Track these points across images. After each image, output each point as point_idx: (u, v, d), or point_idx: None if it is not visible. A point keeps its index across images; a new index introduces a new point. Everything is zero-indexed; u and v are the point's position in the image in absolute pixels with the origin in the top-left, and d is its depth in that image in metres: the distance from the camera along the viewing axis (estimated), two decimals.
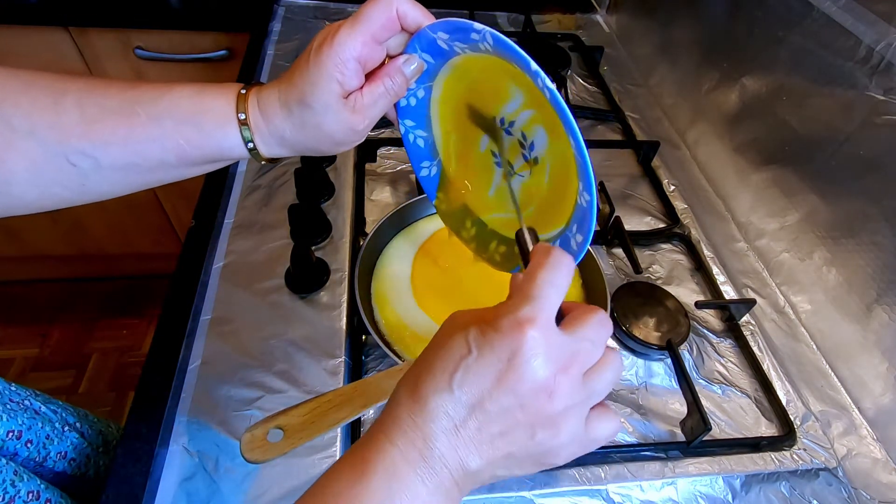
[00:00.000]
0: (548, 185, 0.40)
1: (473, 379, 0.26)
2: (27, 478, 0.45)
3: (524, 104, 0.39)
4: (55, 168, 0.35)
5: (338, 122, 0.36)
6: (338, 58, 0.33)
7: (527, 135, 0.40)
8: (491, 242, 0.46)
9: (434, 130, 0.45)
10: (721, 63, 0.74)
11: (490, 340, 0.26)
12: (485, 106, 0.41)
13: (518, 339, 0.26)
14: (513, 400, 0.26)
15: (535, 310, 0.27)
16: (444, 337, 0.28)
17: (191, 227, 0.61)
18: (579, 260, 0.35)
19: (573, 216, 0.37)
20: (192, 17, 0.97)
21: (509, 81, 0.38)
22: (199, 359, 0.49)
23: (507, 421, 0.26)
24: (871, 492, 0.50)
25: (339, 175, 0.68)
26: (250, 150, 0.37)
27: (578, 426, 0.28)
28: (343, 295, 0.55)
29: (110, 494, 0.42)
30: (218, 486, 0.42)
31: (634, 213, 0.72)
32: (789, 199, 0.63)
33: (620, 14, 1.05)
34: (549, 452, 0.28)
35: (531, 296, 0.27)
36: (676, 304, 0.59)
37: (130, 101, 0.35)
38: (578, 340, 0.28)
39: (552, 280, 0.28)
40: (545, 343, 0.26)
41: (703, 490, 0.48)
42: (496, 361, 0.26)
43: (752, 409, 0.54)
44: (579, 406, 0.28)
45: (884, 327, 0.53)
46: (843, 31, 0.54)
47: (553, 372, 0.26)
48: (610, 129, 0.85)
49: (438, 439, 0.26)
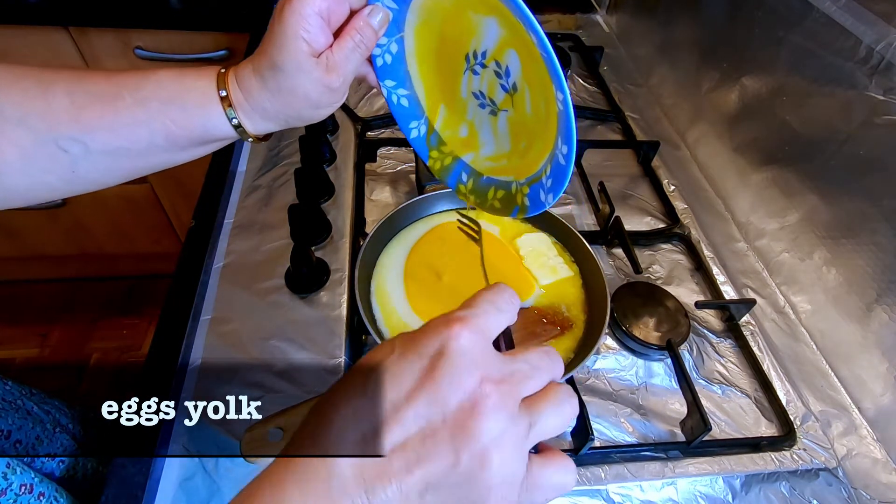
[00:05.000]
0: (532, 113, 0.40)
1: (391, 378, 0.23)
2: (20, 470, 0.45)
3: (492, 28, 0.39)
4: (45, 155, 0.35)
5: (311, 81, 0.35)
6: (298, 14, 0.33)
7: (500, 63, 0.39)
8: (489, 190, 0.46)
9: (415, 86, 0.45)
10: (721, 63, 0.74)
11: (415, 338, 0.24)
12: (458, 43, 0.41)
13: (445, 334, 0.24)
14: (431, 405, 0.22)
15: (469, 313, 0.25)
16: (373, 349, 0.26)
17: (191, 227, 0.61)
18: (571, 169, 0.35)
19: (558, 131, 0.36)
20: (192, 17, 0.97)
21: (473, 9, 0.38)
22: (200, 359, 0.49)
23: (424, 435, 0.22)
24: (871, 492, 0.50)
25: (339, 175, 0.68)
26: (235, 126, 0.38)
27: (514, 464, 0.23)
28: (343, 295, 0.55)
29: (110, 494, 0.42)
30: (218, 486, 0.43)
31: (634, 213, 0.72)
32: (789, 199, 0.63)
33: (620, 14, 1.05)
34: (476, 489, 0.22)
35: (467, 304, 0.26)
36: (676, 304, 0.59)
37: (116, 85, 0.36)
38: (518, 362, 0.25)
39: (491, 298, 0.27)
40: (474, 345, 0.24)
41: (703, 490, 0.48)
42: (419, 358, 0.23)
43: (752, 409, 0.54)
44: (513, 436, 0.23)
45: (884, 327, 0.52)
46: (843, 31, 0.54)
47: (479, 379, 0.23)
48: (610, 129, 0.85)
49: (340, 462, 0.22)
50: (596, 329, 0.52)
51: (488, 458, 0.22)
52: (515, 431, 0.23)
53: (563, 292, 0.57)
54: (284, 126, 0.40)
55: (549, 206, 0.39)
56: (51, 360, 1.41)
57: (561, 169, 0.36)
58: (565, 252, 0.61)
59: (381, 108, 0.80)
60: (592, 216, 0.70)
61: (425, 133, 0.47)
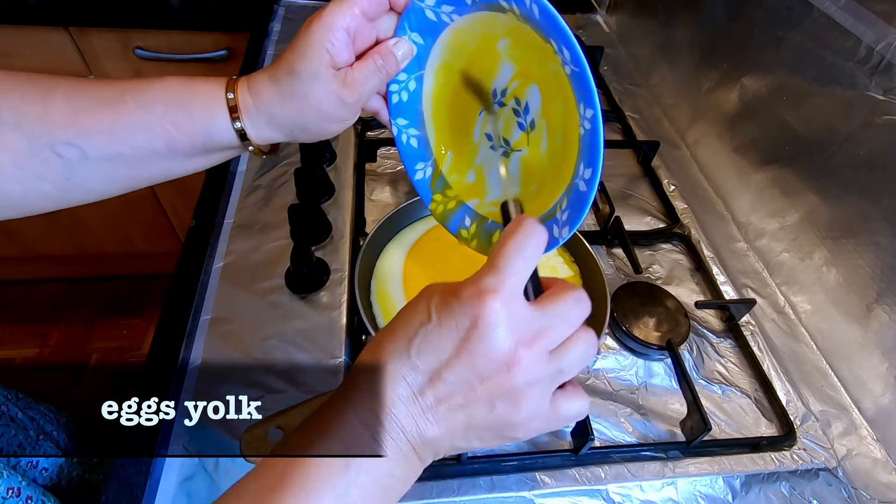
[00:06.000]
0: (546, 154, 0.39)
1: (432, 347, 0.26)
2: (7, 474, 0.44)
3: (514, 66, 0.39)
4: (40, 161, 0.35)
5: (326, 91, 0.35)
6: (326, 26, 0.34)
7: (520, 99, 0.39)
8: (493, 234, 0.46)
9: (427, 127, 0.45)
10: (721, 63, 0.74)
11: (451, 308, 0.26)
12: (481, 81, 0.41)
13: (478, 308, 0.26)
14: (471, 372, 0.26)
15: (499, 280, 0.26)
16: (409, 305, 0.28)
17: (191, 226, 0.61)
18: (593, 195, 0.34)
19: (579, 156, 0.36)
20: (192, 17, 0.97)
21: (498, 45, 0.38)
22: (199, 359, 0.49)
23: (465, 392, 0.26)
24: (871, 492, 0.50)
25: (339, 175, 0.68)
26: (237, 130, 0.37)
27: (541, 402, 0.27)
28: (343, 295, 0.55)
29: (110, 494, 0.42)
30: (218, 486, 0.43)
31: (634, 213, 0.72)
32: (789, 199, 0.63)
33: (620, 14, 1.05)
34: (509, 426, 0.27)
35: (496, 265, 0.27)
36: (676, 304, 0.59)
37: (120, 91, 0.36)
38: (548, 316, 0.27)
39: (519, 249, 0.28)
40: (507, 314, 0.26)
41: (703, 490, 0.48)
42: (455, 330, 0.26)
43: (752, 409, 0.54)
44: (543, 383, 0.27)
45: (884, 327, 0.52)
46: (843, 31, 0.54)
47: (513, 345, 0.26)
48: (610, 129, 0.85)
49: (396, 406, 0.26)
50: (596, 329, 0.52)
51: (519, 403, 0.27)
52: (544, 379, 0.27)
53: None
54: (290, 138, 0.39)
55: (563, 241, 0.37)
56: (51, 361, 1.41)
57: (581, 196, 0.35)
58: (565, 252, 0.61)
59: None
60: (592, 216, 0.70)
61: (431, 175, 0.47)
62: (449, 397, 0.26)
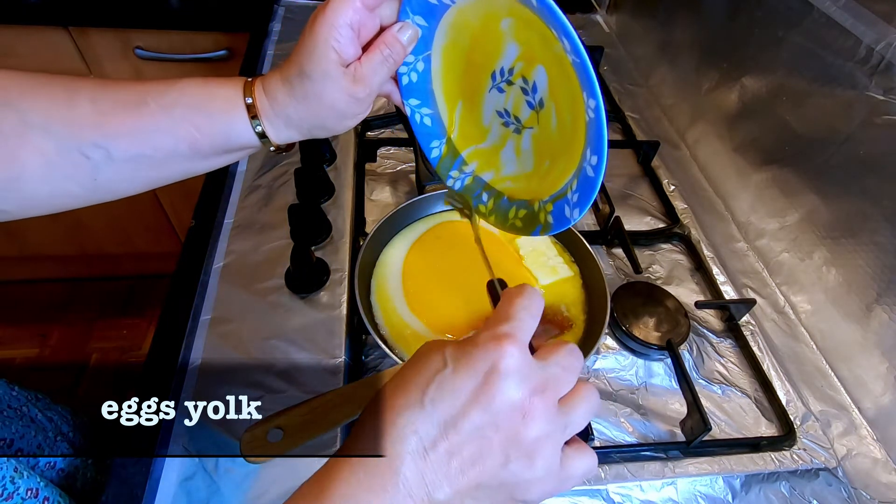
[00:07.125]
0: (556, 131, 0.40)
1: (447, 394, 0.25)
2: (27, 475, 0.45)
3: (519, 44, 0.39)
4: (68, 162, 0.35)
5: (338, 90, 0.36)
6: (329, 24, 0.34)
7: (527, 79, 0.39)
8: (510, 210, 0.46)
9: (439, 105, 0.45)
10: (721, 63, 0.74)
11: (468, 354, 0.26)
12: (485, 62, 0.41)
13: (496, 352, 0.26)
14: (487, 418, 0.25)
15: (514, 328, 0.27)
16: (419, 355, 0.28)
17: (191, 226, 0.61)
18: (600, 179, 0.35)
19: (586, 142, 0.36)
20: (192, 17, 0.97)
21: (501, 24, 0.38)
22: (199, 359, 0.49)
23: (479, 443, 0.25)
24: (871, 492, 0.50)
25: (339, 175, 0.68)
26: (258, 133, 0.38)
27: (553, 458, 0.27)
28: (343, 295, 0.55)
29: (110, 494, 0.42)
30: (218, 486, 0.42)
31: (634, 213, 0.72)
32: (789, 199, 0.63)
33: (620, 14, 1.05)
34: (522, 486, 0.26)
35: (509, 315, 0.28)
36: (676, 304, 0.59)
37: (140, 93, 0.36)
38: (551, 366, 0.27)
39: (527, 305, 0.28)
40: (521, 361, 0.26)
41: (703, 490, 0.48)
42: (472, 375, 0.26)
43: (751, 409, 0.54)
44: (555, 435, 0.27)
45: (884, 327, 0.53)
46: (843, 31, 0.54)
47: (528, 392, 0.26)
48: (610, 129, 0.84)
49: (405, 463, 0.25)
50: (596, 329, 0.52)
51: (533, 458, 0.26)
52: (555, 432, 0.27)
53: (563, 292, 0.57)
54: (307, 136, 0.40)
55: (575, 221, 0.38)
56: (51, 360, 1.41)
57: (589, 181, 0.36)
58: (565, 252, 0.61)
59: (380, 108, 0.80)
60: (592, 216, 0.70)
61: (446, 152, 0.47)
62: (462, 450, 0.25)
